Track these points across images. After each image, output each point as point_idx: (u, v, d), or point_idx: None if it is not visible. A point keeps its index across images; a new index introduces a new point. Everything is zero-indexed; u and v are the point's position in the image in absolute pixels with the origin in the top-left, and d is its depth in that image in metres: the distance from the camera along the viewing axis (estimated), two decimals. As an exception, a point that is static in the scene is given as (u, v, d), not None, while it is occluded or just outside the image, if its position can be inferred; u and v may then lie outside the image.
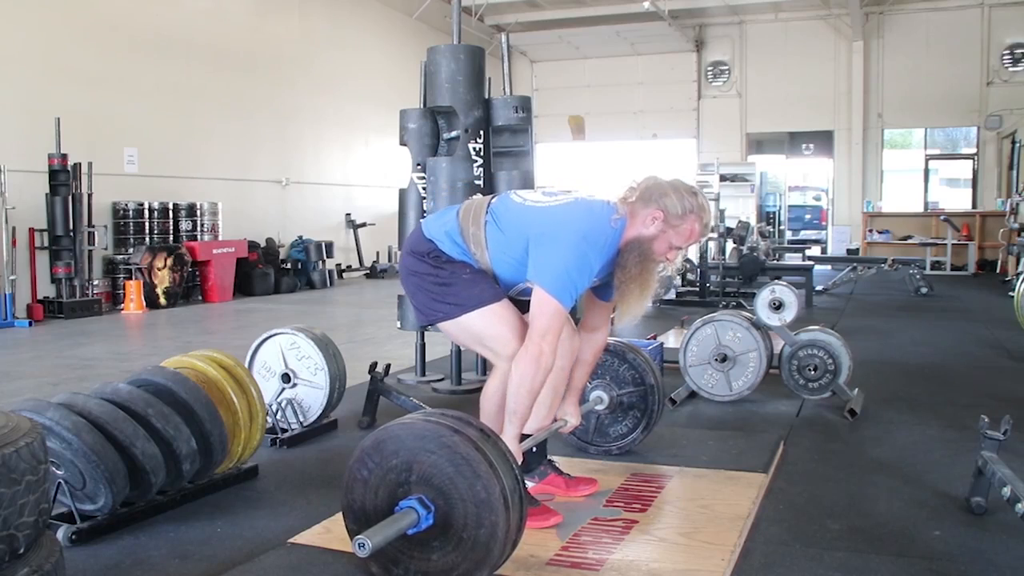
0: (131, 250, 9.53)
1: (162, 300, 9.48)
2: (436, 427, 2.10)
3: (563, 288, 2.47)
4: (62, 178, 8.55)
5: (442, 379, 5.10)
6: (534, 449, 2.87)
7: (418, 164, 4.83)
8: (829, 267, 13.38)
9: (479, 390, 4.98)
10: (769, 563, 2.42)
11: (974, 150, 16.14)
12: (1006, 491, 2.48)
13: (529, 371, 2.45)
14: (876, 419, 4.13)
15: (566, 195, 2.67)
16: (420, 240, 2.71)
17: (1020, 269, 10.16)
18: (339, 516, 2.72)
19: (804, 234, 17.43)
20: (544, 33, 17.32)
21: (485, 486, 2.03)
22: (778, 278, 6.93)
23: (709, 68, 17.61)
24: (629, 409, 3.42)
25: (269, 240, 11.79)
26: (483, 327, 2.62)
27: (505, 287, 2.67)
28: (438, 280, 2.64)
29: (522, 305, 2.69)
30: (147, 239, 9.74)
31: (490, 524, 2.03)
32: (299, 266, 12.09)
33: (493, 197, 2.74)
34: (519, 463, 2.36)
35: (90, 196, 8.87)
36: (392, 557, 2.14)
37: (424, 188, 4.81)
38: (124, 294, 9.29)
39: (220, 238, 10.65)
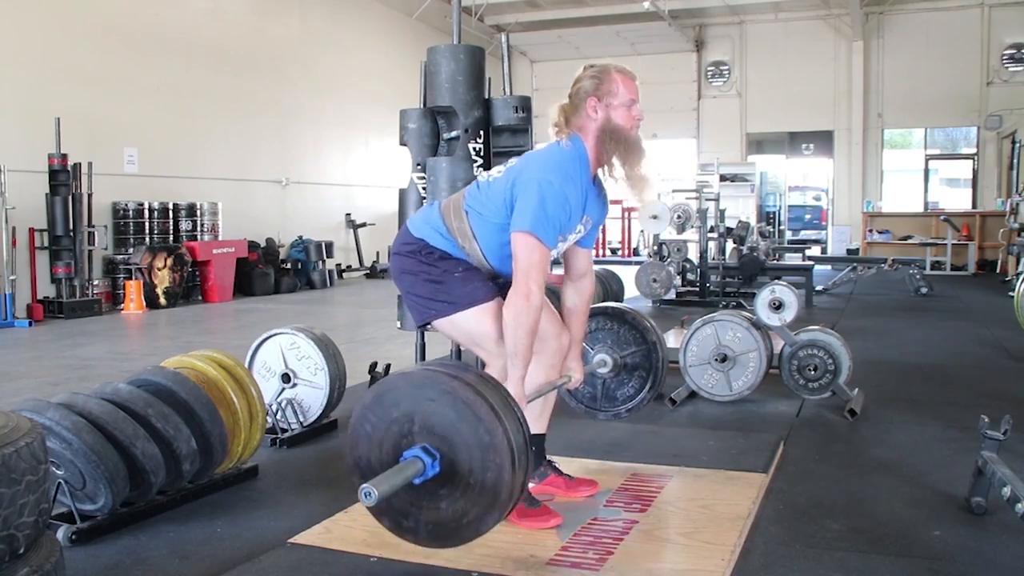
0: (131, 250, 9.53)
1: (162, 300, 9.48)
2: (435, 375, 2.11)
3: (537, 221, 2.46)
4: (62, 178, 8.55)
5: (442, 379, 5.09)
6: (533, 448, 2.87)
7: (418, 164, 4.83)
8: (829, 267, 13.37)
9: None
10: (769, 563, 2.42)
11: (974, 150, 16.14)
12: (1006, 491, 2.48)
13: (521, 309, 2.45)
14: (876, 419, 4.12)
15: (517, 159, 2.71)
16: (408, 239, 2.71)
17: (1020, 269, 10.16)
18: (339, 516, 2.72)
19: (804, 234, 17.44)
20: (544, 33, 17.31)
21: (488, 429, 2.02)
22: (778, 278, 6.93)
23: (709, 68, 17.61)
24: (634, 370, 3.39)
25: (269, 240, 11.78)
26: (475, 325, 2.61)
27: (504, 278, 2.67)
28: (430, 277, 2.63)
29: None
30: (147, 239, 9.74)
31: (496, 467, 2.01)
32: (299, 266, 12.09)
33: (465, 190, 2.74)
34: (523, 407, 2.34)
35: (90, 196, 8.87)
36: (401, 510, 2.13)
37: (424, 188, 4.81)
38: (124, 294, 9.29)
39: (220, 238, 10.65)
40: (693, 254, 10.02)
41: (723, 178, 16.01)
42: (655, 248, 9.61)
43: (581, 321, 2.93)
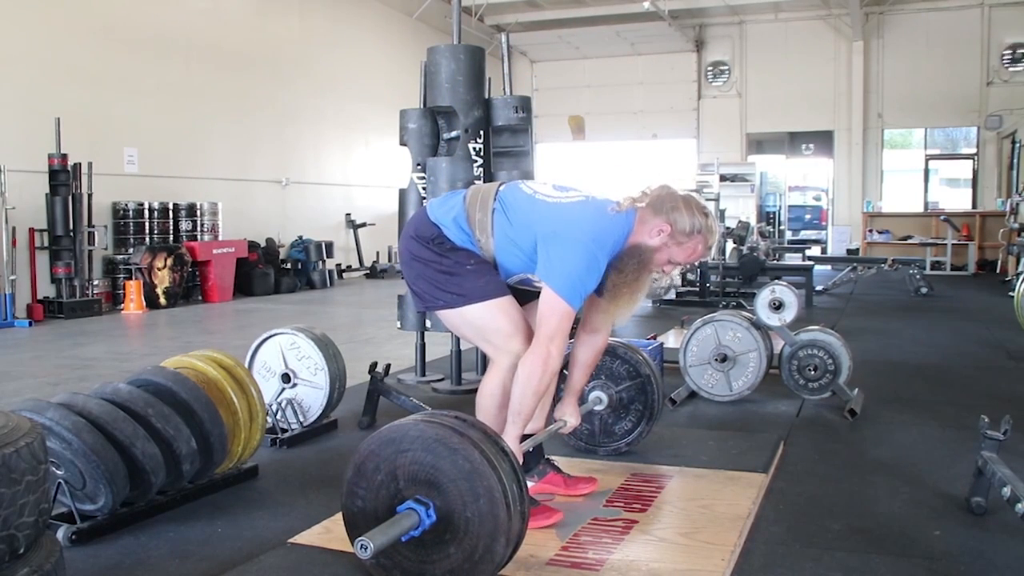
0: (131, 250, 9.53)
1: (162, 300, 9.48)
2: (400, 426, 2.13)
3: (573, 290, 2.45)
4: (62, 178, 8.55)
5: (442, 379, 5.10)
6: (530, 449, 2.87)
7: (418, 164, 4.83)
8: (829, 267, 13.38)
9: (479, 390, 4.97)
10: (769, 563, 2.42)
11: (974, 150, 16.14)
12: (1006, 491, 2.48)
13: (536, 373, 2.45)
14: (876, 419, 4.12)
15: (576, 193, 2.63)
16: (425, 223, 2.67)
17: (1020, 269, 10.16)
18: (339, 516, 2.72)
19: (804, 234, 17.43)
20: (544, 33, 17.31)
21: (465, 456, 2.02)
22: (778, 278, 6.93)
23: (709, 68, 17.61)
24: (630, 404, 3.41)
25: (269, 240, 11.78)
26: (485, 320, 2.60)
27: (505, 275, 2.65)
28: (441, 268, 2.61)
29: (520, 294, 2.68)
30: (147, 239, 9.74)
31: (486, 490, 2.01)
32: (299, 266, 12.09)
33: (502, 184, 2.69)
34: (520, 463, 2.35)
35: (90, 196, 8.87)
36: (416, 571, 2.13)
37: (424, 188, 4.81)
38: (124, 294, 9.29)
39: (220, 238, 10.66)
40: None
41: (723, 178, 16.00)
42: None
43: (584, 373, 2.92)
